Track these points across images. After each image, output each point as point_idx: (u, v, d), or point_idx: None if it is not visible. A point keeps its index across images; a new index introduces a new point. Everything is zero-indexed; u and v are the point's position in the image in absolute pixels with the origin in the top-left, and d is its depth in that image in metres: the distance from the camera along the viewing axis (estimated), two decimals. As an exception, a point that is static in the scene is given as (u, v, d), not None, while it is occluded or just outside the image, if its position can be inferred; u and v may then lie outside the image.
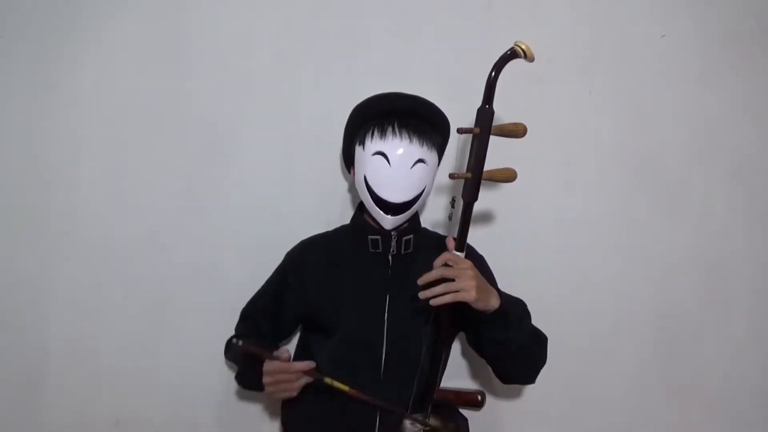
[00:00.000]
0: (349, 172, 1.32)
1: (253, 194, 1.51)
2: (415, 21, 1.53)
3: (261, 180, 1.52)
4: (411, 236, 1.26)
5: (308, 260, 1.30)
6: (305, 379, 1.13)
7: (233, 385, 1.45)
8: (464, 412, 1.35)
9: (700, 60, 1.58)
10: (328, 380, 1.12)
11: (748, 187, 1.59)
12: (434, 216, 1.48)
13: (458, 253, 1.04)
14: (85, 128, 1.51)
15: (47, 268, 1.50)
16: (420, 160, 1.19)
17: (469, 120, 1.19)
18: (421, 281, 1.04)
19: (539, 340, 1.22)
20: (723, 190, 1.58)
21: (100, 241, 1.50)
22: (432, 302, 1.02)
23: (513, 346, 1.13)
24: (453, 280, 1.02)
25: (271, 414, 1.50)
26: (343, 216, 1.47)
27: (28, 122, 1.50)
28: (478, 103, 1.01)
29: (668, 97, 1.57)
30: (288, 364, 1.12)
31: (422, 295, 1.03)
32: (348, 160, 1.32)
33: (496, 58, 0.99)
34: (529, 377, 1.26)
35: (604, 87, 1.55)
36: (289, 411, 1.30)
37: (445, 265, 1.04)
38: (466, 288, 1.01)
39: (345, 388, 1.12)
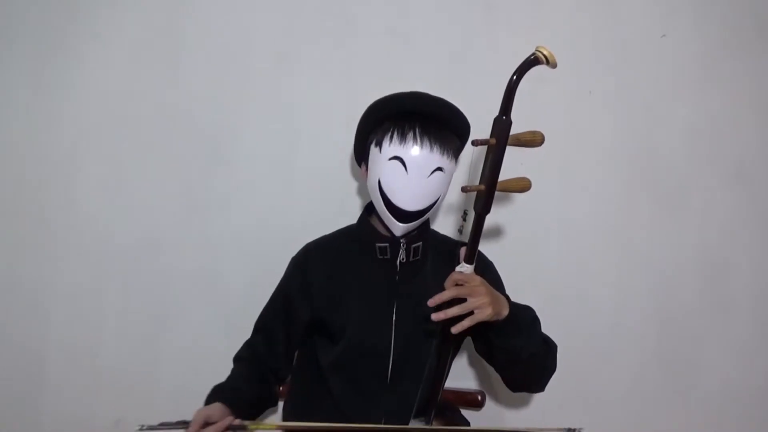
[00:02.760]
0: (360, 167, 1.27)
1: (253, 196, 1.51)
2: (415, 21, 1.52)
3: (261, 182, 1.52)
4: (420, 243, 1.23)
5: (312, 265, 1.27)
6: None
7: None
8: (465, 414, 1.35)
9: (700, 60, 1.57)
10: (252, 426, 1.07)
11: (749, 187, 1.58)
12: (442, 230, 1.48)
13: (467, 266, 1.00)
14: (84, 130, 1.51)
15: (47, 270, 1.50)
16: (438, 169, 1.14)
17: (470, 121, 1.19)
18: (431, 303, 1.00)
19: (549, 348, 1.18)
20: (724, 190, 1.58)
21: (100, 243, 1.50)
22: (453, 330, 0.98)
23: (524, 353, 1.10)
24: (465, 299, 0.98)
25: (271, 418, 1.49)
26: (345, 218, 1.46)
27: (27, 124, 1.50)
28: (479, 104, 1.00)
29: (669, 97, 1.56)
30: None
31: (435, 317, 0.99)
32: (360, 156, 1.27)
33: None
34: (539, 385, 1.22)
35: (604, 87, 1.55)
36: (289, 414, 1.30)
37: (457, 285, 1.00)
38: (481, 306, 0.98)
39: (272, 426, 1.09)
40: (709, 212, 1.57)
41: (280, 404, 1.41)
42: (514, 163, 1.05)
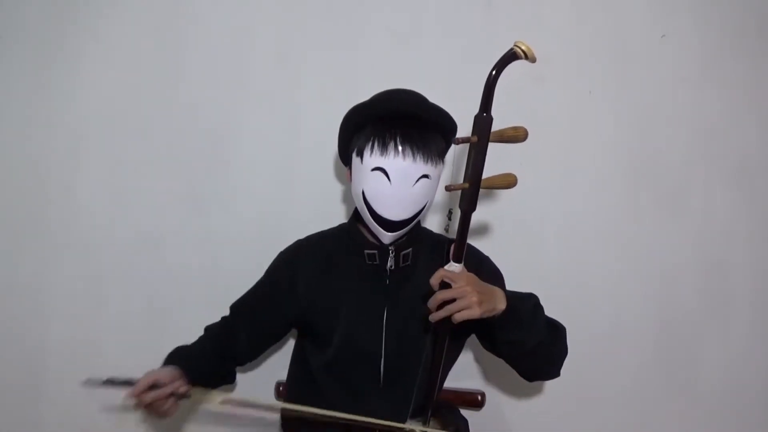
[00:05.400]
0: (346, 166, 1.24)
1: (253, 195, 1.51)
2: (414, 21, 1.52)
3: (261, 181, 1.52)
4: (409, 250, 1.20)
5: (302, 263, 1.24)
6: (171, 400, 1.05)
7: (232, 385, 1.45)
8: (464, 412, 1.35)
9: (700, 60, 1.58)
10: (196, 395, 1.06)
11: (749, 187, 1.58)
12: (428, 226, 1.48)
13: (455, 266, 0.99)
14: (85, 129, 1.51)
15: (47, 269, 1.50)
16: (424, 176, 1.11)
17: (469, 121, 1.18)
18: (433, 319, 0.99)
19: (557, 332, 1.16)
20: (724, 190, 1.58)
21: (99, 243, 1.50)
22: (431, 318, 0.98)
23: (529, 344, 1.07)
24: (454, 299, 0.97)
25: (271, 417, 1.48)
26: (345, 217, 1.46)
27: (27, 123, 1.50)
28: (478, 103, 0.99)
29: (669, 97, 1.56)
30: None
31: (432, 318, 0.99)
32: (345, 158, 1.24)
33: (497, 58, 0.95)
34: (553, 371, 1.20)
35: (604, 87, 1.55)
36: (289, 418, 1.30)
37: (444, 282, 0.98)
38: (467, 306, 0.96)
39: (217, 398, 1.07)
40: (709, 212, 1.57)
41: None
42: (515, 163, 1.05)
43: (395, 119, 1.11)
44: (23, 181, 1.50)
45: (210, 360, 1.20)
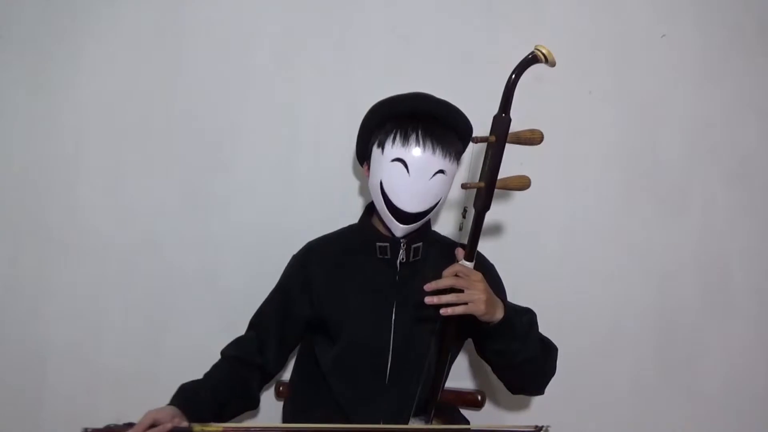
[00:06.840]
0: (362, 165, 1.28)
1: (254, 196, 1.51)
2: (415, 22, 1.52)
3: (261, 183, 1.51)
4: (420, 244, 1.23)
5: (314, 262, 1.27)
6: None
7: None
8: (464, 412, 1.35)
9: (700, 60, 1.58)
10: (197, 428, 1.05)
11: (749, 187, 1.59)
12: (442, 228, 1.48)
13: (468, 264, 1.01)
14: (85, 130, 1.51)
15: (47, 270, 1.50)
16: (440, 171, 1.15)
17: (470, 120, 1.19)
18: (428, 287, 0.99)
19: (547, 351, 1.17)
20: (724, 190, 1.58)
21: (100, 243, 1.50)
22: (441, 311, 0.98)
23: (518, 357, 1.10)
24: (462, 291, 0.99)
25: (272, 417, 1.49)
26: (346, 218, 1.46)
27: (27, 125, 1.50)
28: (479, 103, 1.00)
29: (669, 97, 1.57)
30: None
31: (428, 300, 0.99)
32: (362, 155, 1.27)
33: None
34: (537, 388, 1.23)
35: (604, 87, 1.55)
36: (290, 414, 1.30)
37: (455, 275, 1.00)
38: (476, 301, 0.98)
39: (218, 428, 1.05)
40: (709, 212, 1.57)
41: (280, 404, 1.42)
42: (514, 162, 1.06)
43: (417, 115, 1.16)
44: (23, 181, 1.50)
45: (223, 388, 1.18)
